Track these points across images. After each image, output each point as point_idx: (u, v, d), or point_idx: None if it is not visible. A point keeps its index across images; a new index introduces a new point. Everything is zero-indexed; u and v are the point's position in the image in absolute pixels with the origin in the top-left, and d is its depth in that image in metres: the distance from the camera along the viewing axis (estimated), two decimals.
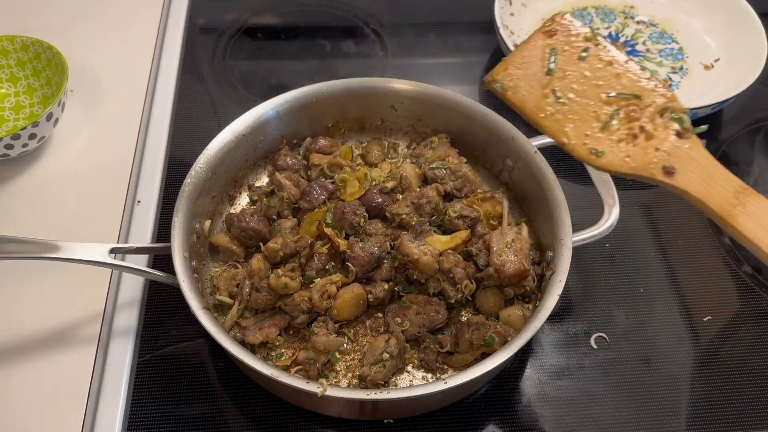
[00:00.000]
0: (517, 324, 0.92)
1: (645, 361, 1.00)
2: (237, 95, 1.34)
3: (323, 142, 1.12)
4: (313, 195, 1.02)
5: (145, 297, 1.02)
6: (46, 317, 0.98)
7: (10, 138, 1.06)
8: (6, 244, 0.84)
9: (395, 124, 1.17)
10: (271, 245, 0.95)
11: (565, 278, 0.88)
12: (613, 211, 0.97)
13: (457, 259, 0.95)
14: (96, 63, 1.31)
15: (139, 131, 1.21)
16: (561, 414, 0.94)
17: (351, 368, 0.93)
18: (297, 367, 0.91)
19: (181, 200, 0.96)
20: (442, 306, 0.95)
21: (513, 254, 0.93)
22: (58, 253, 0.86)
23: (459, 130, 1.11)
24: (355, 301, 0.94)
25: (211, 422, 0.92)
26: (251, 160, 1.11)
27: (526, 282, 0.94)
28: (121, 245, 0.92)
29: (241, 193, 1.11)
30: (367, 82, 1.13)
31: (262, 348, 0.93)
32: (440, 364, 0.93)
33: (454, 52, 1.45)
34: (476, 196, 1.03)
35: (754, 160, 1.25)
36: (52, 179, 1.14)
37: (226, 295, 0.96)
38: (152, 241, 1.08)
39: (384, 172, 1.08)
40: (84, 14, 1.40)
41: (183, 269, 0.89)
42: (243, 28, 1.47)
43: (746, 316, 1.05)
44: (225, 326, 0.93)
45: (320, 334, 0.92)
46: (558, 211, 0.95)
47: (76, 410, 0.89)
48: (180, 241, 0.92)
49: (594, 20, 1.48)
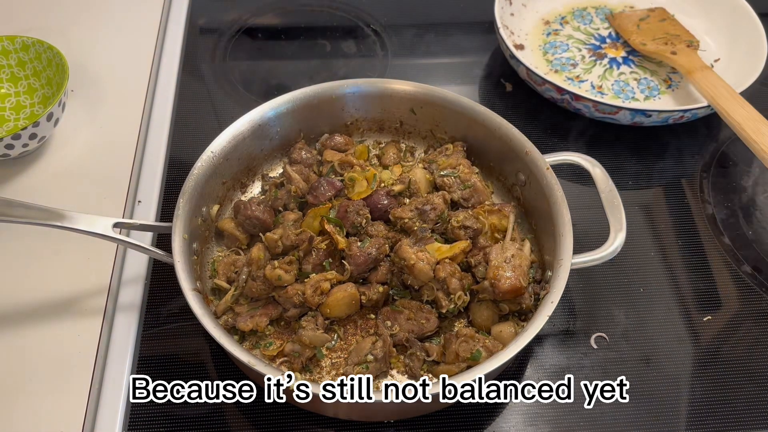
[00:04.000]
0: (507, 341, 0.90)
1: (645, 361, 1.00)
2: (237, 95, 1.34)
3: (339, 139, 1.13)
4: (320, 190, 1.02)
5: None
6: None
7: (10, 138, 1.06)
8: (14, 208, 0.87)
9: (414, 127, 1.17)
10: (270, 235, 0.96)
11: (557, 300, 0.86)
12: (618, 236, 0.95)
13: (453, 269, 0.94)
14: (96, 63, 1.31)
15: (139, 131, 1.21)
16: (561, 414, 0.94)
17: (336, 366, 0.93)
18: (282, 359, 0.92)
19: (189, 182, 0.97)
20: (433, 314, 0.95)
21: (511, 270, 0.92)
22: (62, 222, 0.88)
23: (476, 139, 1.11)
24: (347, 300, 0.94)
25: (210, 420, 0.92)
26: (266, 151, 1.12)
27: (523, 299, 0.93)
28: (126, 221, 0.94)
29: (254, 182, 1.12)
30: (386, 83, 1.13)
31: (251, 336, 0.95)
32: (425, 372, 0.93)
33: (454, 52, 1.45)
34: (483, 208, 1.02)
35: (753, 160, 1.26)
36: (53, 179, 1.14)
37: (224, 280, 0.98)
38: (156, 221, 1.10)
39: (394, 175, 1.08)
40: (84, 14, 1.40)
41: (180, 250, 0.90)
42: (243, 28, 1.47)
43: (746, 316, 1.05)
44: (218, 310, 0.95)
45: (308, 328, 0.92)
46: (561, 231, 0.94)
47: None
48: (182, 222, 0.93)
49: (594, 20, 1.48)
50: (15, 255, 1.04)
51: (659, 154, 1.26)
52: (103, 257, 1.03)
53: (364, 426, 0.92)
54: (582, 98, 1.21)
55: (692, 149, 1.27)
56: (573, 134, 1.28)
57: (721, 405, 0.95)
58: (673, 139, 1.28)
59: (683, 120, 1.23)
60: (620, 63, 1.39)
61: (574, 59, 1.40)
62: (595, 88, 1.34)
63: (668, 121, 1.22)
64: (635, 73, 1.37)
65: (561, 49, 1.42)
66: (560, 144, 1.27)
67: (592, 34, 1.45)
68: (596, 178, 1.02)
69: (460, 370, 0.88)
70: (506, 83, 1.37)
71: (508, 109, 1.33)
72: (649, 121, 1.22)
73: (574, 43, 1.43)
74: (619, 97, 1.32)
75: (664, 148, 1.27)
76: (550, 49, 1.42)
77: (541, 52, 1.41)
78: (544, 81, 1.24)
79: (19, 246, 1.05)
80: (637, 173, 1.23)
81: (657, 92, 1.34)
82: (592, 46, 1.43)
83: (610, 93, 1.33)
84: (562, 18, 1.49)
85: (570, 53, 1.41)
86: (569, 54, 1.41)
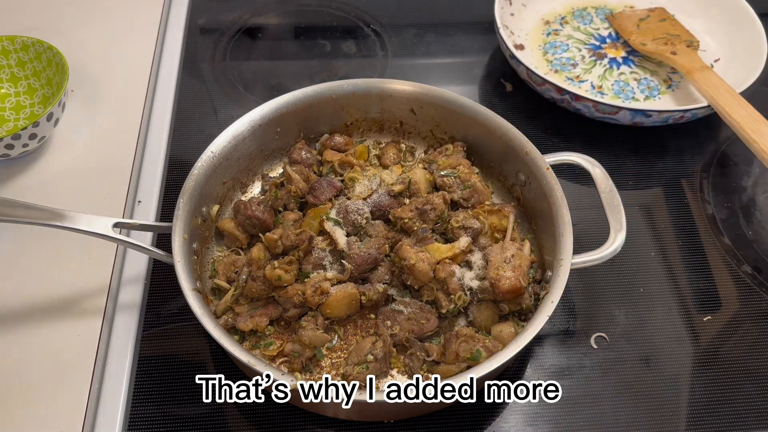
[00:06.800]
0: (507, 341, 0.90)
1: (645, 361, 1.00)
2: (237, 95, 1.34)
3: (339, 139, 1.13)
4: (320, 191, 1.03)
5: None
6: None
7: (10, 138, 1.06)
8: (15, 208, 0.88)
9: (414, 127, 1.17)
10: (270, 235, 0.96)
11: (557, 300, 0.86)
12: (618, 236, 0.95)
13: (453, 269, 0.94)
14: (96, 63, 1.31)
15: (139, 131, 1.21)
16: (561, 414, 0.94)
17: (336, 366, 0.93)
18: (282, 359, 0.92)
19: (189, 182, 0.97)
20: (433, 314, 0.95)
21: (511, 270, 0.91)
22: (62, 222, 0.88)
23: (476, 139, 1.11)
24: (347, 300, 0.94)
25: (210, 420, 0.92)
26: (267, 151, 1.12)
27: (523, 299, 0.93)
28: (126, 221, 0.94)
29: (254, 182, 1.12)
30: (386, 83, 1.13)
31: (251, 336, 0.95)
32: (425, 372, 0.92)
33: (454, 52, 1.45)
34: (483, 208, 1.02)
35: (753, 160, 1.26)
36: (53, 179, 1.14)
37: (224, 280, 0.98)
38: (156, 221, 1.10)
39: (394, 175, 1.08)
40: (84, 14, 1.40)
41: (180, 250, 0.90)
42: (243, 28, 1.47)
43: (746, 316, 1.05)
44: (218, 310, 0.95)
45: (308, 328, 0.92)
46: (561, 231, 0.93)
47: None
48: (182, 222, 0.93)
49: (594, 20, 1.48)
50: (15, 255, 1.04)
51: (659, 154, 1.26)
52: (103, 257, 1.03)
53: (364, 426, 0.92)
54: (582, 98, 1.21)
55: (692, 149, 1.27)
56: (573, 134, 1.28)
57: (721, 405, 0.96)
58: (673, 139, 1.28)
59: (683, 120, 1.23)
60: (620, 63, 1.39)
61: (574, 59, 1.40)
62: (595, 88, 1.34)
63: (668, 121, 1.22)
64: (635, 73, 1.37)
65: (561, 49, 1.42)
66: (560, 144, 1.27)
67: (592, 34, 1.45)
68: (596, 178, 1.02)
69: (460, 370, 0.88)
70: (506, 83, 1.37)
71: (508, 109, 1.33)
72: (649, 121, 1.22)
73: (574, 43, 1.43)
74: (619, 97, 1.32)
75: (664, 148, 1.27)
76: (550, 49, 1.42)
77: (541, 52, 1.41)
78: (544, 81, 1.24)
79: (19, 246, 1.05)
80: (637, 173, 1.23)
81: (657, 92, 1.34)
82: (592, 46, 1.43)
83: (610, 93, 1.33)
84: (562, 18, 1.49)
85: (570, 53, 1.41)
86: (569, 54, 1.41)
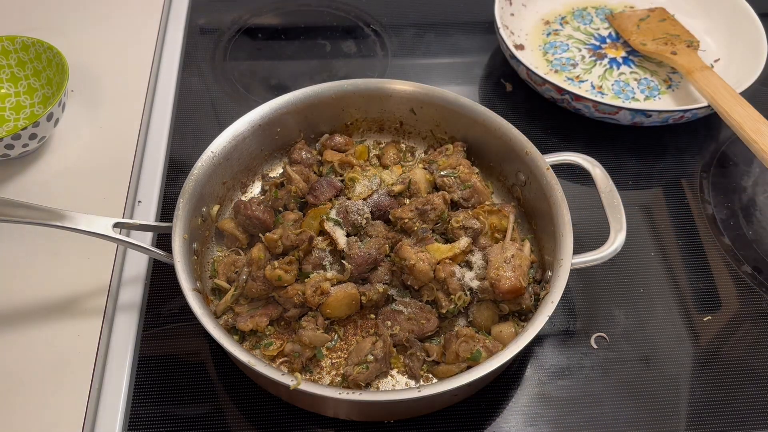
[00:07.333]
0: (507, 341, 0.90)
1: (645, 361, 1.00)
2: (237, 95, 1.34)
3: (339, 139, 1.13)
4: (320, 191, 1.03)
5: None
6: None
7: (10, 138, 1.06)
8: (15, 208, 0.88)
9: (414, 128, 1.17)
10: (270, 235, 0.96)
11: (557, 300, 0.86)
12: (618, 236, 0.95)
13: (453, 269, 0.94)
14: (96, 63, 1.31)
15: (139, 131, 1.21)
16: (561, 414, 0.94)
17: (336, 366, 0.93)
18: (282, 359, 0.92)
19: (189, 182, 0.97)
20: (433, 314, 0.95)
21: (511, 270, 0.91)
22: (63, 222, 0.89)
23: (476, 139, 1.11)
24: (347, 300, 0.94)
25: (210, 420, 0.92)
26: (267, 151, 1.12)
27: (523, 300, 0.93)
28: (126, 221, 0.94)
29: (255, 182, 1.12)
30: (386, 83, 1.13)
31: (251, 336, 0.95)
32: (425, 372, 0.92)
33: (454, 52, 1.45)
34: (483, 208, 1.02)
35: (753, 160, 1.26)
36: (53, 179, 1.14)
37: (224, 280, 0.98)
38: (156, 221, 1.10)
39: (394, 175, 1.08)
40: (84, 14, 1.40)
41: (180, 250, 0.90)
42: (243, 28, 1.47)
43: (746, 316, 1.05)
44: (218, 310, 0.95)
45: (308, 328, 0.92)
46: (561, 231, 0.93)
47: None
48: (182, 222, 0.93)
49: (594, 20, 1.48)
50: (15, 255, 1.04)
51: (659, 154, 1.26)
52: (103, 257, 1.03)
53: (364, 426, 0.92)
54: (582, 98, 1.21)
55: (692, 149, 1.27)
56: (573, 134, 1.28)
57: (721, 405, 0.96)
58: (673, 139, 1.28)
59: (683, 120, 1.23)
60: (620, 63, 1.39)
61: (574, 59, 1.40)
62: (595, 88, 1.34)
63: (668, 121, 1.22)
64: (635, 73, 1.37)
65: (561, 49, 1.42)
66: (560, 144, 1.27)
67: (592, 34, 1.45)
68: (596, 178, 1.02)
69: (461, 371, 0.88)
70: (506, 83, 1.37)
71: (508, 109, 1.33)
72: (649, 121, 1.22)
73: (574, 43, 1.43)
74: (619, 97, 1.32)
75: (664, 148, 1.27)
76: (550, 49, 1.42)
77: (541, 52, 1.41)
78: (544, 81, 1.24)
79: (19, 246, 1.05)
80: (637, 173, 1.23)
81: (657, 92, 1.34)
82: (592, 46, 1.43)
83: (610, 93, 1.33)
84: (562, 18, 1.49)
85: (570, 53, 1.41)
86: (569, 54, 1.41)
